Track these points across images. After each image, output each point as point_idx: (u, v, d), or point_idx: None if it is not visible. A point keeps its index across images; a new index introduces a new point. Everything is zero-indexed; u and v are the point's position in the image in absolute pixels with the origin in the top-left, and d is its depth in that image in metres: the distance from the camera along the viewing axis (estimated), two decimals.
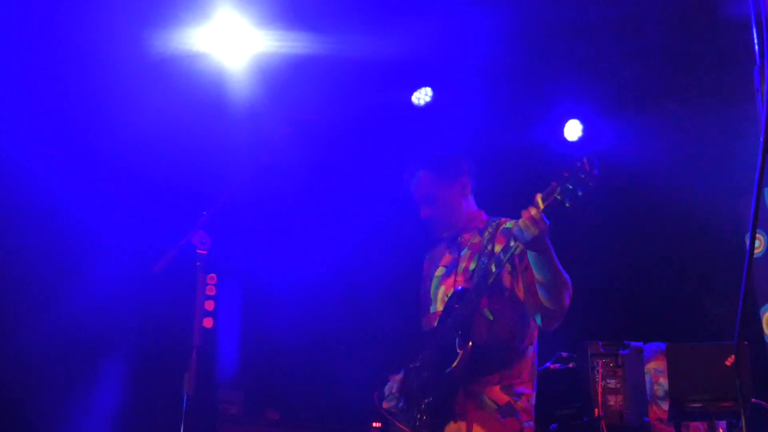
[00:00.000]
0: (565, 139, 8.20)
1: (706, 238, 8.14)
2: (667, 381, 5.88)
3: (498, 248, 4.04)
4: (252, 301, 8.39)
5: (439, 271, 4.41)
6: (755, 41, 1.99)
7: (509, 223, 4.23)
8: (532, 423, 4.10)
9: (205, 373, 4.50)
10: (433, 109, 8.01)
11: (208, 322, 4.31)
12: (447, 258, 4.41)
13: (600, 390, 5.73)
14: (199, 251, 4.43)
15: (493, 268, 3.90)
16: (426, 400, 4.15)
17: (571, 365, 6.25)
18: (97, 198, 7.22)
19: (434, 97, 7.97)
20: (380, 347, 8.01)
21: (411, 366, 4.36)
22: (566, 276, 3.95)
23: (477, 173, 4.50)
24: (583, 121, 8.18)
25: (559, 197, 3.63)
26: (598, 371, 5.77)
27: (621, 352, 5.82)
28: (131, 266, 6.93)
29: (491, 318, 4.08)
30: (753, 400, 5.70)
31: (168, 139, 6.92)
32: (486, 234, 4.25)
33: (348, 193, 8.31)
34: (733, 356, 5.32)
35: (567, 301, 3.98)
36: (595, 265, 8.19)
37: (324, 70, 7.08)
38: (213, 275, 4.39)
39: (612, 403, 5.74)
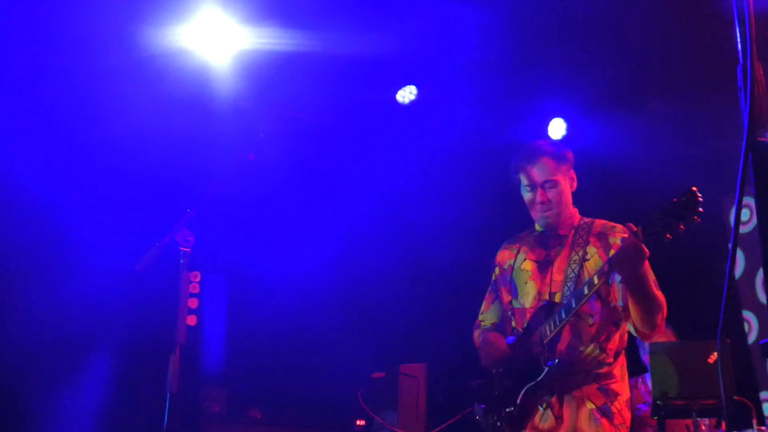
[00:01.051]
0: (549, 138, 8.21)
1: (690, 236, 8.16)
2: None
3: (591, 259, 4.08)
4: (236, 299, 8.38)
5: (528, 265, 4.35)
6: (738, 39, 1.99)
7: (598, 225, 4.25)
8: (627, 423, 4.10)
9: (188, 371, 4.49)
10: (417, 107, 8.00)
11: (191, 320, 4.29)
12: (538, 252, 4.36)
13: None
14: (182, 249, 4.42)
15: (586, 291, 3.90)
16: (507, 409, 4.14)
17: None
18: (81, 195, 7.20)
19: (418, 95, 7.96)
20: (364, 346, 8.02)
21: (494, 371, 4.32)
22: (661, 299, 3.97)
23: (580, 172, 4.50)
24: (566, 119, 8.19)
25: (660, 230, 3.64)
26: None
27: None
28: (115, 264, 6.90)
29: (590, 322, 4.08)
30: (735, 397, 5.72)
31: (152, 136, 6.90)
32: (580, 235, 4.25)
33: (332, 191, 8.30)
34: (715, 354, 5.34)
35: (659, 323, 4.00)
36: None
37: (308, 67, 7.07)
38: (197, 273, 4.38)
39: None
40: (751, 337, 8.24)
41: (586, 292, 3.90)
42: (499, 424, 4.17)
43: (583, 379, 4.05)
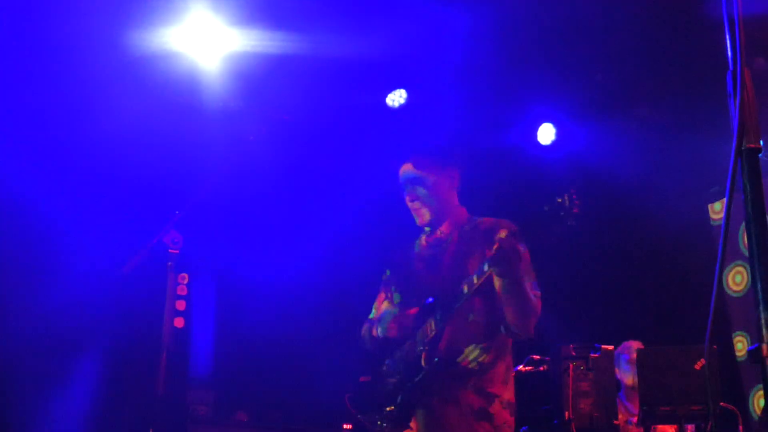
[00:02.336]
0: (538, 143, 8.23)
1: (679, 242, 8.19)
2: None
3: (474, 257, 4.04)
4: (224, 301, 8.36)
5: (417, 265, 4.39)
6: (728, 46, 2.00)
7: (485, 223, 4.24)
8: (509, 423, 4.10)
9: (175, 373, 4.48)
10: (407, 111, 8.01)
11: (179, 322, 4.29)
12: (426, 252, 4.39)
13: (570, 393, 5.75)
14: (171, 251, 4.41)
15: (465, 290, 3.91)
16: (388, 408, 4.14)
17: (542, 368, 6.26)
18: (69, 197, 7.17)
19: (408, 99, 7.96)
20: (351, 349, 8.00)
21: (378, 371, 4.34)
22: (534, 304, 3.97)
23: (466, 170, 4.50)
24: (556, 124, 8.21)
25: (539, 228, 3.67)
26: (569, 374, 5.79)
27: (592, 354, 5.85)
28: (103, 266, 6.88)
29: (471, 320, 4.08)
30: (721, 403, 5.74)
31: (141, 138, 6.88)
32: (466, 233, 4.26)
33: (321, 194, 8.29)
34: (702, 360, 5.36)
35: (531, 325, 4.01)
36: (567, 269, 8.22)
37: (297, 69, 7.07)
38: (184, 275, 4.37)
39: (582, 405, 5.77)
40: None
41: (465, 291, 3.91)
42: (380, 422, 4.18)
43: (462, 380, 4.04)
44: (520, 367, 6.28)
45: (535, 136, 8.25)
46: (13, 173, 6.94)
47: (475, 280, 3.86)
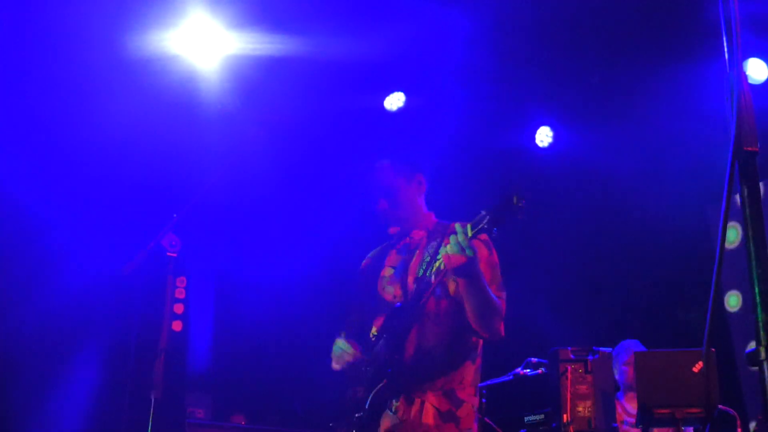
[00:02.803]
0: (536, 145, 8.23)
1: (676, 244, 8.19)
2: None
3: (440, 260, 3.98)
4: (222, 304, 8.36)
5: (387, 271, 4.38)
6: (725, 49, 2.00)
7: (454, 226, 4.24)
8: (473, 429, 4.08)
9: (173, 376, 4.47)
10: (405, 113, 8.01)
11: (177, 325, 4.28)
12: (395, 258, 4.39)
13: (569, 396, 5.75)
14: (169, 254, 4.41)
15: (419, 302, 3.92)
16: (357, 415, 4.13)
17: (540, 371, 6.26)
18: (68, 199, 7.17)
19: (406, 102, 7.97)
20: None
21: (347, 378, 4.33)
22: (497, 304, 3.96)
23: (431, 176, 4.51)
24: (553, 127, 8.21)
25: (486, 227, 3.66)
26: (567, 377, 5.78)
27: (590, 358, 5.84)
28: (101, 269, 6.88)
29: (437, 321, 4.07)
30: (720, 406, 5.74)
31: (139, 141, 6.88)
32: (433, 237, 4.26)
33: (319, 197, 8.29)
34: (700, 363, 5.35)
35: (497, 327, 4.00)
36: (564, 271, 8.22)
37: (295, 72, 7.07)
38: (183, 278, 4.37)
39: (580, 409, 5.76)
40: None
41: (429, 284, 3.93)
42: (349, 430, 4.17)
43: (428, 383, 4.03)
44: (519, 370, 6.28)
45: (533, 138, 8.25)
46: (11, 175, 6.93)
47: (432, 279, 3.88)
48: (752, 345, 1.85)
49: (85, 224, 7.25)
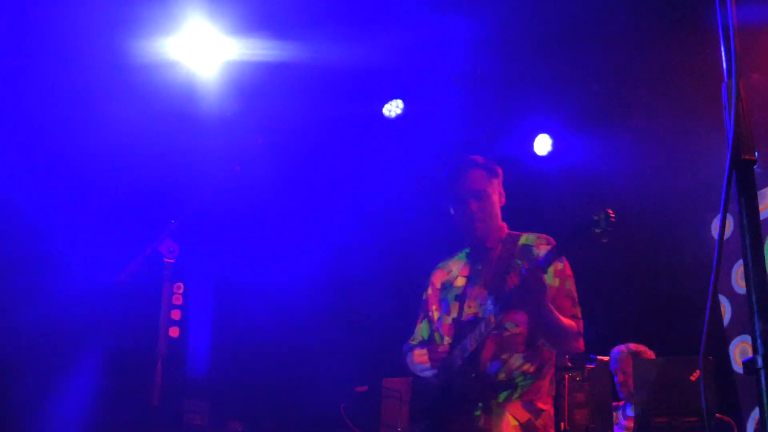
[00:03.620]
0: (534, 154, 8.23)
1: (676, 252, 8.19)
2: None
3: (514, 271, 4.08)
4: (219, 310, 8.35)
5: (460, 281, 4.37)
6: (723, 58, 2.00)
7: (524, 238, 4.27)
8: None
9: (170, 382, 4.47)
10: (403, 121, 8.01)
11: (174, 332, 4.28)
12: (468, 268, 4.38)
13: (566, 404, 5.74)
14: (166, 260, 4.41)
15: (495, 316, 3.92)
16: (428, 422, 4.13)
17: None
18: (65, 205, 7.17)
19: (405, 109, 7.97)
20: (347, 359, 7.99)
21: (418, 385, 4.32)
22: (570, 328, 3.99)
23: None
24: (552, 135, 8.21)
25: (575, 244, 3.68)
26: (564, 385, 5.78)
27: (588, 366, 5.84)
28: (99, 275, 6.87)
29: (513, 333, 4.07)
30: (717, 415, 5.74)
31: (138, 146, 6.88)
32: (506, 248, 4.27)
33: (319, 204, 8.29)
34: (698, 371, 5.35)
35: (574, 346, 4.06)
36: None
37: (295, 78, 7.07)
38: (180, 284, 4.37)
39: (578, 416, 5.76)
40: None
41: (504, 307, 3.92)
42: None
43: (508, 393, 4.04)
44: None
45: (532, 146, 8.25)
46: (9, 182, 6.94)
47: (505, 306, 3.87)
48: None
49: (82, 230, 7.25)
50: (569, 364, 5.84)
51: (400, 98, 7.98)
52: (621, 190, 7.89)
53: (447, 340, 4.27)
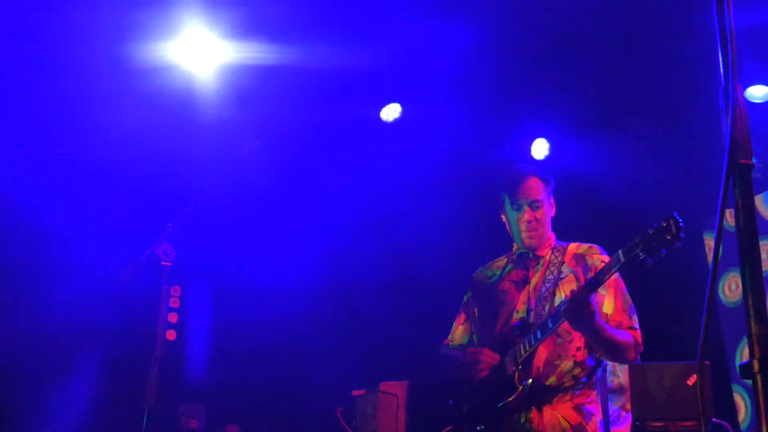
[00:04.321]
0: (532, 158, 8.23)
1: (671, 256, 8.19)
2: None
3: (565, 278, 4.11)
4: (216, 314, 8.35)
5: (506, 285, 4.37)
6: (720, 62, 2.01)
7: (573, 246, 4.31)
8: None
9: (166, 385, 4.47)
10: (401, 124, 8.01)
11: (171, 335, 4.28)
12: (516, 272, 4.38)
13: None
14: (163, 263, 4.41)
15: (550, 325, 3.91)
16: (478, 428, 4.12)
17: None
18: (63, 208, 7.16)
19: (403, 113, 7.97)
20: (344, 363, 7.99)
21: (464, 388, 4.31)
22: (626, 341, 3.99)
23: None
24: (549, 139, 8.22)
25: (642, 255, 3.62)
26: None
27: None
28: (95, 278, 6.87)
29: (565, 339, 4.07)
30: (714, 420, 5.74)
31: (136, 149, 6.88)
32: (556, 256, 4.27)
33: (315, 207, 8.29)
34: (695, 376, 5.35)
35: (630, 357, 4.07)
36: None
37: (292, 82, 7.08)
38: (177, 287, 4.37)
39: None
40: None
41: (560, 318, 3.89)
42: None
43: (559, 397, 4.04)
44: None
45: (529, 151, 8.25)
46: (9, 183, 6.94)
47: (561, 317, 3.85)
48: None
49: (80, 233, 7.24)
50: None
51: (397, 102, 7.97)
52: (618, 195, 7.90)
53: (484, 344, 4.27)
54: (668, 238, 3.51)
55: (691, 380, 5.44)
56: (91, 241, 7.26)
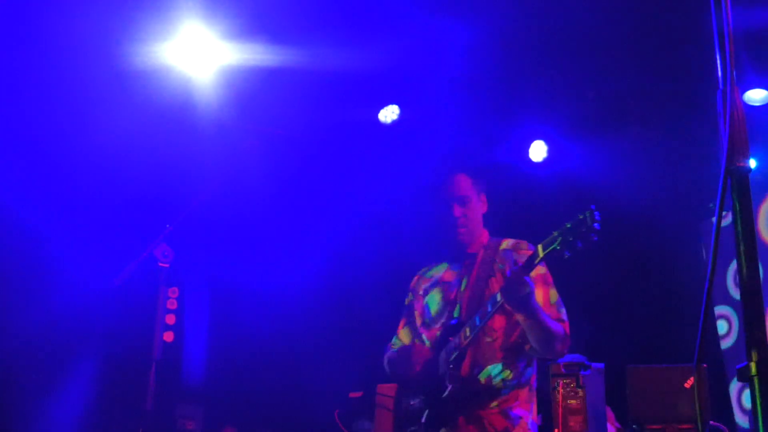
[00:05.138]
0: (530, 160, 8.23)
1: (670, 259, 8.20)
2: None
3: (496, 276, 4.08)
4: (214, 315, 8.34)
5: (441, 287, 4.39)
6: (718, 65, 2.01)
7: (504, 243, 4.28)
8: None
9: (164, 387, 4.46)
10: (399, 126, 8.02)
11: (168, 336, 4.27)
12: (450, 273, 4.39)
13: (561, 410, 5.75)
14: (161, 264, 4.40)
15: (489, 308, 3.90)
16: (411, 428, 4.13)
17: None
18: (60, 210, 7.16)
19: (401, 115, 7.97)
20: (342, 365, 7.99)
21: (403, 389, 4.32)
22: (557, 329, 3.97)
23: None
24: (548, 142, 8.22)
25: (558, 248, 3.64)
26: (559, 391, 5.78)
27: (582, 372, 5.84)
28: (94, 280, 6.86)
29: (493, 339, 4.07)
30: (711, 422, 5.74)
31: (134, 151, 6.88)
32: (488, 253, 4.27)
33: (314, 209, 8.29)
34: (692, 379, 5.36)
35: (558, 349, 4.02)
36: (557, 285, 8.21)
37: (291, 83, 7.08)
38: (175, 289, 4.36)
39: (572, 423, 5.76)
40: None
41: (489, 309, 3.91)
42: None
43: (486, 400, 4.03)
44: None
45: (527, 153, 8.25)
46: (5, 186, 6.93)
47: (499, 298, 3.86)
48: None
49: (77, 235, 7.24)
50: (563, 371, 5.85)
51: (396, 104, 7.98)
52: (616, 197, 7.90)
53: (429, 345, 4.28)
54: (584, 230, 3.56)
55: (689, 383, 5.44)
56: (89, 243, 7.25)
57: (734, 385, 8.00)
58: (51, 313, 6.95)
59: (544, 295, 4.08)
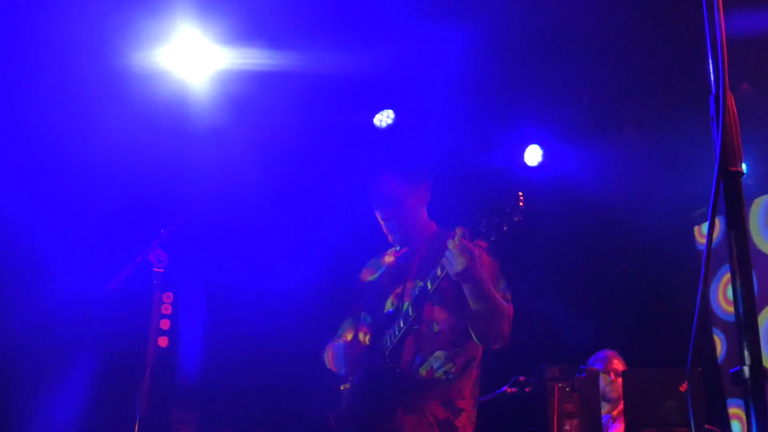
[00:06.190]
0: (525, 164, 8.24)
1: (665, 263, 8.21)
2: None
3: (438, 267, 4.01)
4: (209, 320, 8.33)
5: (385, 279, 4.39)
6: (711, 69, 2.01)
7: (457, 230, 4.25)
8: None
9: (159, 392, 4.46)
10: (394, 131, 8.02)
11: (163, 341, 4.27)
12: (394, 266, 4.40)
13: (556, 414, 5.74)
14: (155, 269, 4.40)
15: (429, 286, 3.89)
16: (352, 422, 4.13)
17: (528, 389, 6.25)
18: (54, 214, 7.15)
19: (395, 119, 7.97)
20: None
21: (342, 386, 4.33)
22: (503, 307, 3.94)
23: (434, 186, 4.51)
24: (543, 146, 8.22)
25: (484, 230, 3.64)
26: (554, 395, 5.78)
27: (577, 376, 5.85)
28: (87, 284, 6.85)
29: (435, 330, 4.06)
30: (706, 426, 5.75)
31: (128, 155, 6.87)
32: (431, 245, 4.25)
33: (308, 213, 8.28)
34: (686, 382, 5.36)
35: (505, 330, 3.98)
36: (553, 288, 8.22)
37: (285, 87, 7.08)
38: (169, 294, 4.36)
39: (567, 427, 5.76)
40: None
41: (429, 287, 3.90)
42: None
43: (426, 391, 4.01)
44: (506, 388, 6.27)
45: (522, 157, 8.25)
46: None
47: (429, 285, 3.85)
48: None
49: (72, 239, 7.23)
50: (558, 374, 5.85)
51: (391, 108, 7.98)
52: (611, 201, 7.91)
53: (368, 337, 4.27)
54: (507, 210, 3.55)
55: (683, 386, 5.44)
56: (83, 248, 7.24)
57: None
58: (44, 317, 6.94)
59: (489, 276, 4.01)
